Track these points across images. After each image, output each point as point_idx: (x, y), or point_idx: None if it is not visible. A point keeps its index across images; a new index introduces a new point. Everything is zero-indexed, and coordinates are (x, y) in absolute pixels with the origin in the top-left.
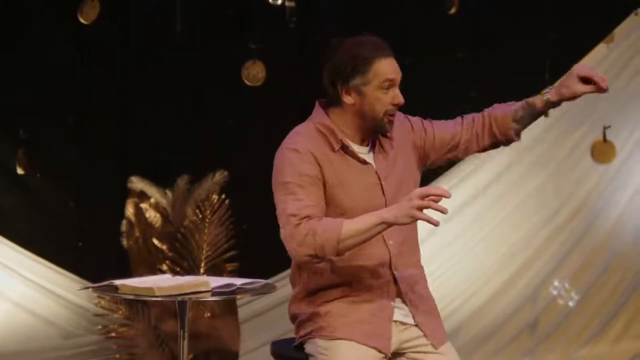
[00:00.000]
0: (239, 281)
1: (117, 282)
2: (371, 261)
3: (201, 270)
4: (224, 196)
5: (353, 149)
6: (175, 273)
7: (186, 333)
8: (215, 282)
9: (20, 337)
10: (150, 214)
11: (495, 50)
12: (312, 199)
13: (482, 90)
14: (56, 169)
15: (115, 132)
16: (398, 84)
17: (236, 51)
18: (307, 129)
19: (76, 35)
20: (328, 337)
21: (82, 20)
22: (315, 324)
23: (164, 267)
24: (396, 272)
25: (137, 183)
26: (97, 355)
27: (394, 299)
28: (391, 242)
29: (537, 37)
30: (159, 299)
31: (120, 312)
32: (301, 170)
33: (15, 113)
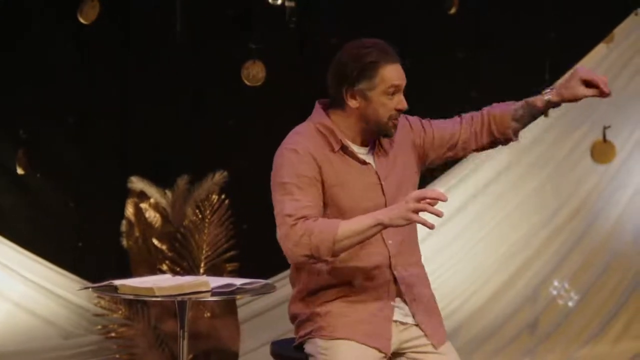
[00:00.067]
0: (238, 281)
1: (117, 282)
2: (371, 261)
3: (201, 270)
4: (223, 196)
5: (353, 150)
6: (175, 273)
7: (186, 333)
8: (215, 282)
9: (20, 337)
10: (150, 214)
11: (495, 50)
12: (310, 200)
13: (482, 90)
14: (56, 169)
15: (115, 132)
16: (403, 89)
17: (236, 51)
18: (307, 129)
19: (76, 35)
20: (328, 337)
21: (82, 20)
22: (315, 323)
23: (164, 267)
24: (396, 271)
25: (137, 183)
26: (97, 355)
27: (394, 299)
28: (390, 242)
29: (537, 37)
30: (159, 299)
31: (120, 312)
32: (300, 171)
33: (15, 113)
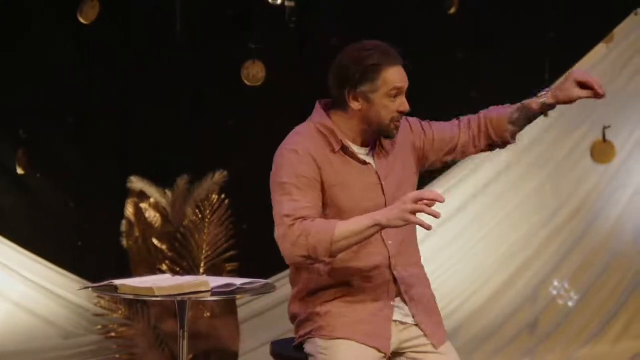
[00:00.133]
0: (238, 281)
1: (116, 282)
2: (370, 261)
3: (201, 270)
4: (223, 196)
5: (353, 150)
6: (175, 273)
7: (186, 333)
8: (215, 282)
9: (20, 337)
10: (150, 214)
11: (495, 50)
12: (309, 201)
13: (482, 90)
14: (56, 169)
15: (115, 132)
16: (405, 91)
17: (236, 51)
18: (307, 129)
19: (76, 35)
20: (328, 337)
21: (82, 20)
22: (315, 323)
23: (164, 267)
24: (396, 272)
25: (137, 183)
26: (97, 355)
27: (394, 299)
28: (390, 242)
29: (536, 37)
30: (159, 299)
31: (120, 312)
32: (299, 171)
33: (15, 113)
